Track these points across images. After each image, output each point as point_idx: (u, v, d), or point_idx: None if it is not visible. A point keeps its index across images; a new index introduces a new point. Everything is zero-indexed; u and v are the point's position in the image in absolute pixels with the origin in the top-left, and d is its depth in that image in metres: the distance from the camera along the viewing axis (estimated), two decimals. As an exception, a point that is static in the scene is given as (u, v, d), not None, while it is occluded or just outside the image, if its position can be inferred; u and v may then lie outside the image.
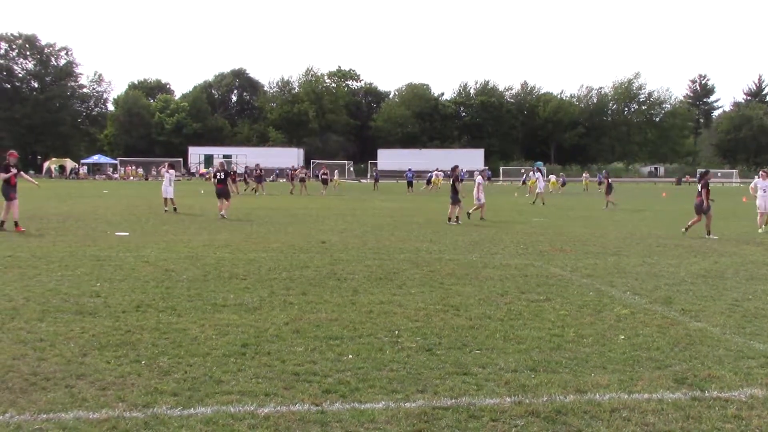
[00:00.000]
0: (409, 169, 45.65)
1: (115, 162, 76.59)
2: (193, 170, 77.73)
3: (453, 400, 4.46)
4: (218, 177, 19.94)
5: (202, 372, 4.96)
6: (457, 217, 18.56)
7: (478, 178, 20.46)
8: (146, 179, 67.00)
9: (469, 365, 5.24)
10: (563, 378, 4.96)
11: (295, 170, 44.21)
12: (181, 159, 78.24)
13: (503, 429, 4.04)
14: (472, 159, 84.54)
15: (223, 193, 19.67)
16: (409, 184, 42.71)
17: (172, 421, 4.03)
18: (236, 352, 5.48)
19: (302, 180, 39.68)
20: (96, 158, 78.14)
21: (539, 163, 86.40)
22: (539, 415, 4.23)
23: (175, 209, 21.44)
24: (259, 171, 39.50)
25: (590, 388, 4.73)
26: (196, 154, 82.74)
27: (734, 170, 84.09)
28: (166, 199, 21.78)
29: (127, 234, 14.34)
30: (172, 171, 22.89)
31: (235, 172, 34.08)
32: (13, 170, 15.34)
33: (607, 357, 5.54)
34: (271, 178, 40.67)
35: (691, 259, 11.57)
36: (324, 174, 40.51)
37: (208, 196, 30.96)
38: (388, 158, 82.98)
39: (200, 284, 8.50)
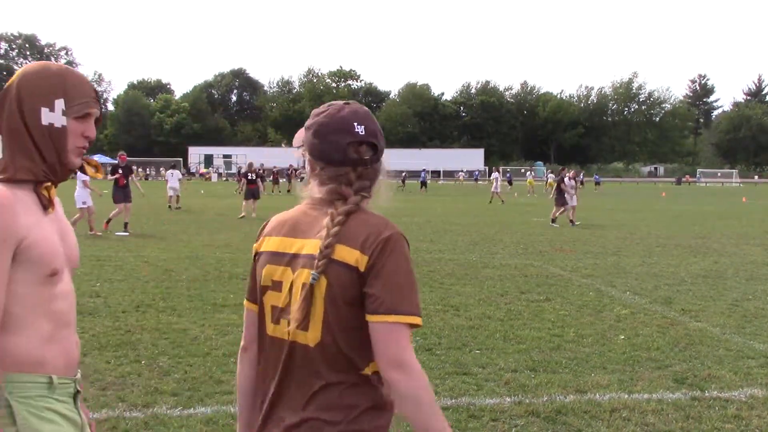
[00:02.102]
0: (424, 170, 45.87)
1: (115, 162, 76.62)
2: (193, 170, 77.72)
3: (453, 400, 4.46)
4: (249, 177, 20.38)
5: (202, 372, 4.96)
6: (553, 219, 18.42)
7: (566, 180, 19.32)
8: (146, 179, 67.00)
9: (469, 365, 5.24)
10: (563, 378, 4.96)
11: (296, 170, 44.27)
12: (181, 159, 78.26)
13: (503, 429, 4.04)
14: (472, 159, 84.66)
15: (254, 194, 19.99)
16: (423, 184, 42.60)
17: (172, 421, 4.03)
18: (236, 352, 5.46)
19: (303, 180, 39.73)
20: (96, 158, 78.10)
21: (539, 163, 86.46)
22: (539, 415, 4.23)
23: (170, 206, 22.40)
24: (262, 171, 39.87)
25: (590, 388, 4.73)
26: (196, 154, 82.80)
27: (734, 170, 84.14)
28: (176, 196, 22.84)
29: (127, 234, 14.35)
30: (176, 171, 24.20)
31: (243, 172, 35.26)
32: (120, 172, 15.61)
33: (607, 357, 5.54)
34: (271, 178, 40.78)
35: (691, 259, 11.57)
36: None
37: (208, 197, 30.95)
38: (388, 158, 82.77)
39: (200, 284, 8.50)
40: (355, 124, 1.57)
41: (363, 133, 1.57)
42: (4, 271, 1.51)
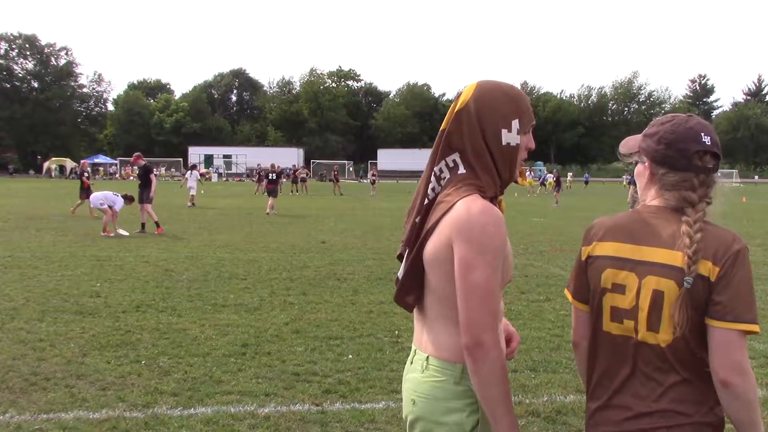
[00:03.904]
0: None
1: (116, 162, 76.56)
2: (193, 170, 77.58)
3: (453, 400, 4.46)
4: (269, 177, 22.43)
5: (202, 372, 4.96)
6: None
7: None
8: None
9: (469, 365, 5.23)
10: (563, 378, 4.96)
11: (297, 170, 44.36)
12: (181, 159, 78.17)
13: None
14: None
15: (273, 192, 21.80)
16: None
17: (172, 421, 4.04)
18: (236, 352, 5.49)
19: (302, 180, 39.77)
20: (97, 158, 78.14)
21: (539, 163, 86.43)
22: (539, 415, 4.24)
23: (192, 204, 24.15)
24: (259, 171, 40.30)
25: (590, 388, 4.73)
26: (196, 154, 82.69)
27: (734, 170, 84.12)
28: (192, 195, 24.93)
29: (127, 234, 14.34)
30: (195, 171, 26.50)
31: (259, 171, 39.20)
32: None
33: (607, 357, 5.54)
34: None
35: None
36: (373, 175, 41.28)
37: (208, 197, 30.92)
38: (388, 158, 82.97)
39: (200, 284, 8.50)
40: (702, 134, 1.69)
41: (709, 143, 1.69)
42: (499, 276, 1.69)
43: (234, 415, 4.14)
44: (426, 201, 1.83)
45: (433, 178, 1.83)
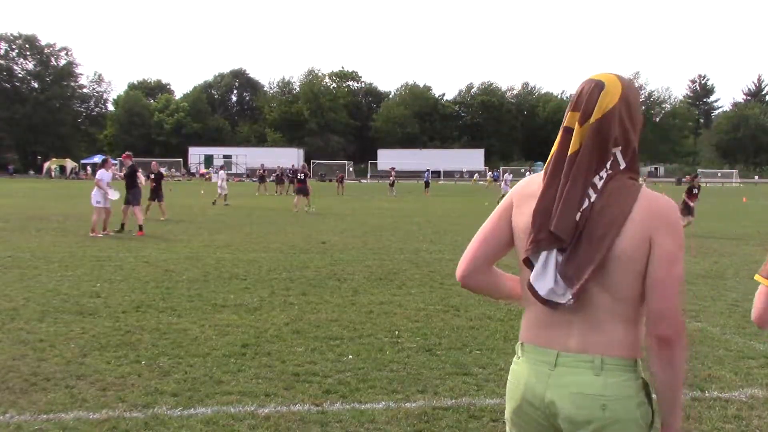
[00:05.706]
0: (428, 170, 45.70)
1: (116, 162, 76.59)
2: (193, 170, 77.63)
3: (453, 401, 4.46)
4: (299, 177, 23.97)
5: (202, 372, 4.96)
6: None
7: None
8: (148, 178, 67.04)
9: (469, 365, 5.23)
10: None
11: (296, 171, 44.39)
12: (181, 159, 78.16)
13: (503, 429, 4.04)
14: (472, 159, 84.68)
15: (303, 191, 23.13)
16: (426, 184, 42.16)
17: (172, 422, 4.03)
18: (236, 352, 5.48)
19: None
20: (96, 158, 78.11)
21: (539, 163, 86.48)
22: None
23: (218, 203, 25.53)
24: (262, 171, 40.47)
25: (590, 389, 4.72)
26: (196, 154, 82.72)
27: (734, 170, 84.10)
28: (223, 195, 25.98)
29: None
30: (222, 172, 27.98)
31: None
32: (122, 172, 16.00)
33: (607, 357, 5.54)
34: (271, 179, 40.77)
35: (691, 259, 11.56)
36: (391, 176, 40.91)
37: (208, 197, 30.90)
38: (388, 158, 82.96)
39: (200, 284, 8.49)
40: None
41: None
42: None
43: (234, 416, 4.13)
44: (587, 200, 1.77)
45: (595, 178, 1.80)
